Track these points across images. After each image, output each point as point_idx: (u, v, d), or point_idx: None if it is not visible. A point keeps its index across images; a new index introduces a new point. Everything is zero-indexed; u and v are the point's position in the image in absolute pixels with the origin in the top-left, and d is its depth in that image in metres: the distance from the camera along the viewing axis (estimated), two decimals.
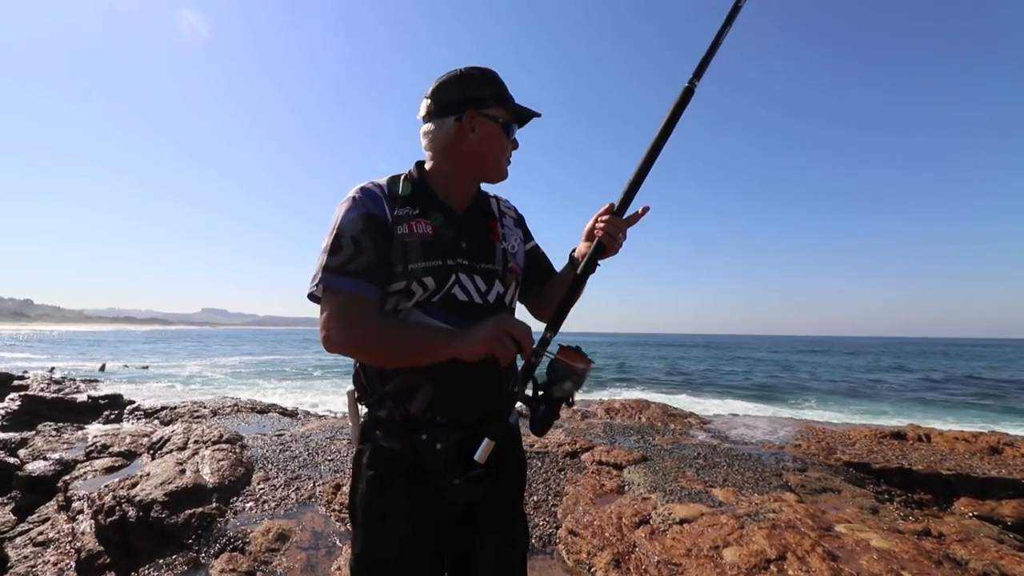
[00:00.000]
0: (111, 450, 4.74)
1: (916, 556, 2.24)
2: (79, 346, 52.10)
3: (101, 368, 25.12)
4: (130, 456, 4.63)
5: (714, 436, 5.16)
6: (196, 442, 4.22)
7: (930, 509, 3.61)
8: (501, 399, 1.12)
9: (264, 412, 6.70)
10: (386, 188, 1.19)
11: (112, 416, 7.76)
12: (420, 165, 1.27)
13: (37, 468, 4.51)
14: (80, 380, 13.34)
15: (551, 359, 1.08)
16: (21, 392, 8.57)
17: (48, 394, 8.67)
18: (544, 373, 1.08)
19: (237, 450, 4.06)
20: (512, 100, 1.23)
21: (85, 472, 4.25)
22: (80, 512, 3.54)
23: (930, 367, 39.07)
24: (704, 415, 6.75)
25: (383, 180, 1.21)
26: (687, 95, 1.13)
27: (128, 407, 8.15)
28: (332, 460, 4.01)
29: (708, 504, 3.02)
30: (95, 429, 6.37)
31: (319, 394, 16.22)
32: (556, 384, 1.06)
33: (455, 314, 1.16)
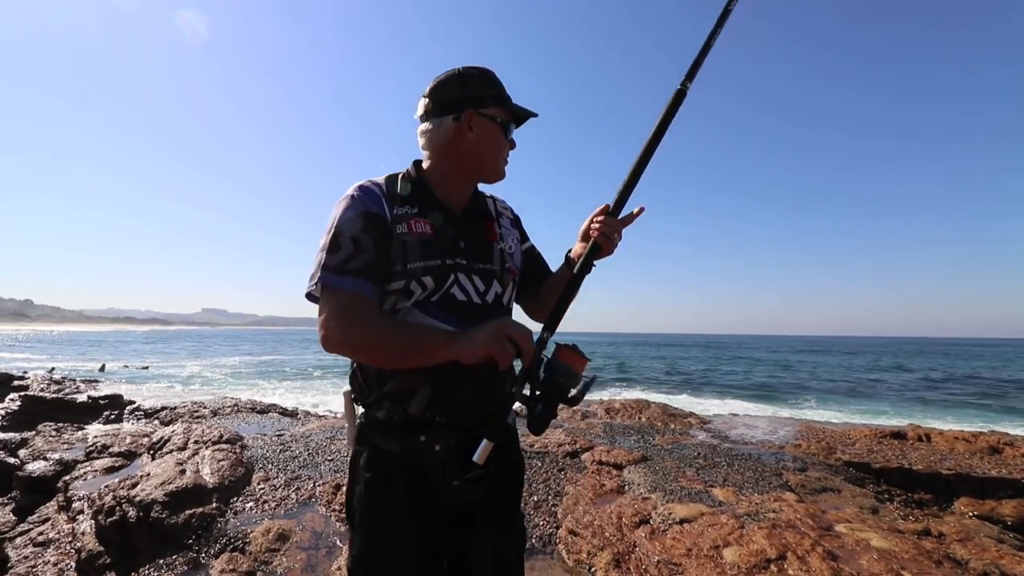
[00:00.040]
0: (111, 450, 4.75)
1: (916, 556, 2.24)
2: (79, 346, 52.11)
3: (101, 368, 25.12)
4: (130, 456, 4.63)
5: (714, 436, 5.16)
6: (196, 442, 4.22)
7: (930, 509, 3.61)
8: (500, 400, 1.11)
9: (264, 412, 6.69)
10: (384, 187, 1.18)
11: (112, 416, 7.76)
12: (418, 164, 1.26)
13: (37, 468, 4.51)
14: (80, 380, 13.32)
15: (548, 358, 1.08)
16: (21, 392, 8.56)
17: (48, 394, 8.66)
18: (541, 372, 1.07)
19: (237, 450, 4.06)
20: (510, 100, 1.23)
21: (85, 472, 4.25)
22: (80, 512, 3.54)
23: (930, 367, 39.08)
24: (704, 415, 6.74)
25: (381, 179, 1.20)
26: (679, 97, 1.14)
27: (128, 407, 8.14)
28: (332, 460, 4.01)
29: (708, 504, 3.02)
30: (95, 429, 6.37)
31: (319, 394, 16.23)
32: (553, 383, 1.06)
33: (454, 314, 1.15)
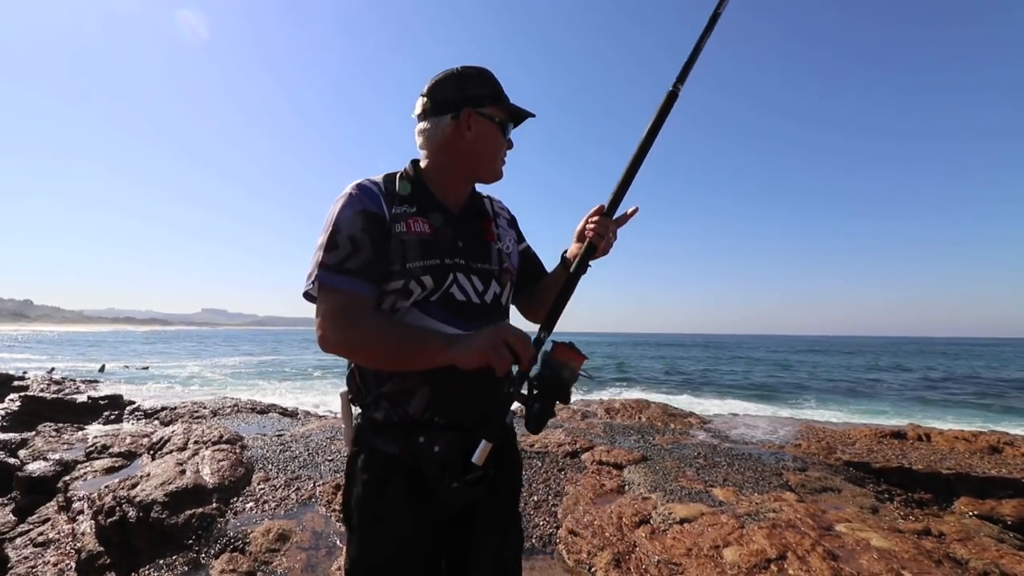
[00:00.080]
0: (111, 451, 4.74)
1: (916, 555, 2.24)
2: (79, 347, 52.09)
3: (101, 369, 25.12)
4: (130, 456, 4.63)
5: (714, 436, 5.16)
6: (196, 442, 4.22)
7: (930, 508, 3.61)
8: (498, 400, 1.11)
9: (264, 412, 6.69)
10: (383, 185, 1.17)
11: (112, 417, 7.75)
12: (416, 163, 1.25)
13: (37, 469, 4.51)
14: (80, 381, 13.32)
15: (545, 356, 1.08)
16: (21, 393, 8.56)
17: (48, 395, 8.65)
18: (539, 370, 1.07)
19: (237, 450, 4.06)
20: (508, 100, 1.23)
21: (85, 473, 4.25)
22: (80, 513, 3.54)
23: (929, 366, 39.10)
24: (704, 415, 6.74)
25: (379, 177, 1.19)
26: (671, 99, 1.16)
27: (128, 407, 8.13)
28: (332, 460, 4.01)
29: (708, 504, 3.02)
30: (95, 430, 6.36)
31: (319, 394, 16.23)
32: (551, 381, 1.05)
33: (453, 314, 1.15)
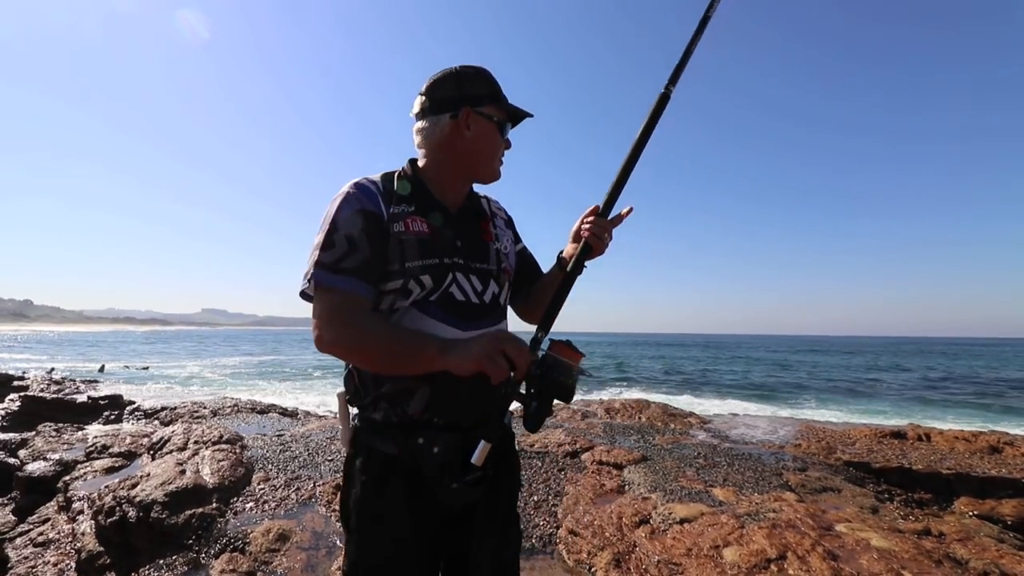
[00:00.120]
0: (111, 451, 4.74)
1: (916, 555, 2.24)
2: (78, 347, 52.08)
3: (100, 369, 25.12)
4: (130, 456, 4.63)
5: (714, 436, 5.16)
6: (196, 442, 4.22)
7: (930, 508, 3.61)
8: (496, 400, 1.10)
9: (264, 412, 6.69)
10: (381, 184, 1.16)
11: (112, 417, 7.75)
12: (414, 163, 1.25)
13: (37, 469, 4.51)
14: (80, 381, 13.32)
15: (543, 354, 1.07)
16: (21, 393, 8.56)
17: (48, 395, 8.66)
18: (536, 368, 1.06)
19: (237, 450, 4.06)
20: (506, 100, 1.22)
21: (85, 473, 4.25)
22: (80, 513, 3.54)
23: (928, 366, 39.12)
24: (704, 415, 6.74)
25: (377, 176, 1.19)
26: (663, 100, 1.17)
27: (128, 408, 8.13)
28: (332, 460, 4.01)
29: (708, 504, 3.02)
30: (95, 430, 6.36)
31: (319, 394, 16.25)
32: (548, 379, 1.05)
33: (453, 313, 1.15)
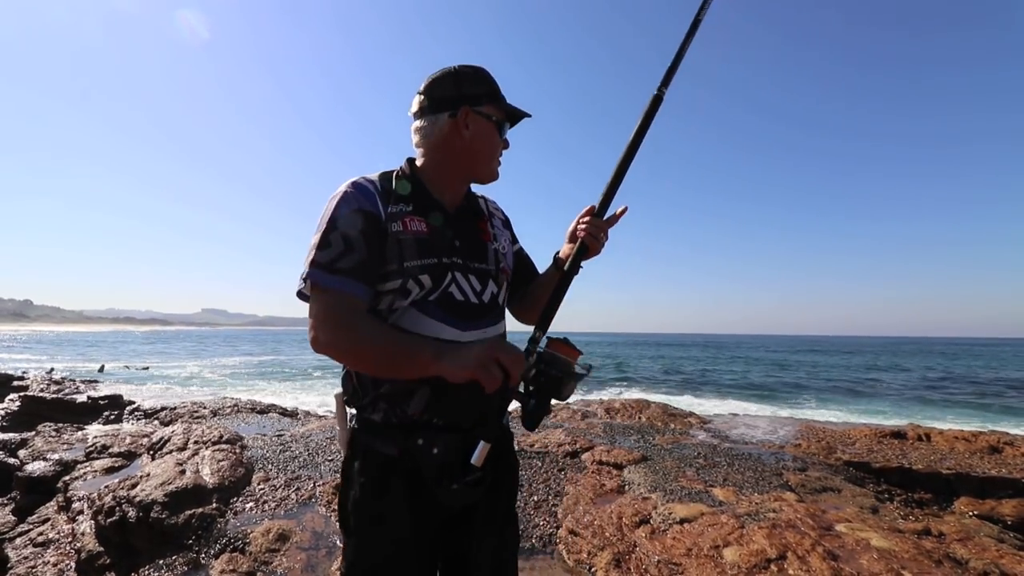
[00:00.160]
0: (111, 451, 4.74)
1: (916, 555, 2.24)
2: (78, 347, 52.08)
3: (100, 369, 25.13)
4: (130, 456, 4.63)
5: (714, 436, 5.16)
6: (196, 442, 4.21)
7: (930, 508, 3.61)
8: (495, 400, 1.10)
9: (264, 412, 6.69)
10: (379, 184, 1.16)
11: (112, 417, 7.75)
12: (411, 162, 1.24)
13: (37, 469, 4.51)
14: (80, 381, 13.31)
15: (540, 351, 1.07)
16: (21, 393, 8.55)
17: (48, 395, 8.65)
18: (534, 367, 1.06)
19: (237, 450, 4.06)
20: (504, 99, 1.22)
21: (85, 473, 4.25)
22: (80, 513, 3.54)
23: (928, 366, 39.13)
24: (704, 415, 6.74)
25: (375, 176, 1.18)
26: (656, 102, 1.18)
27: (128, 408, 8.13)
28: (332, 460, 4.01)
29: (708, 504, 3.02)
30: (95, 430, 6.36)
31: (319, 394, 16.24)
32: (545, 377, 1.04)
33: (452, 313, 1.14)
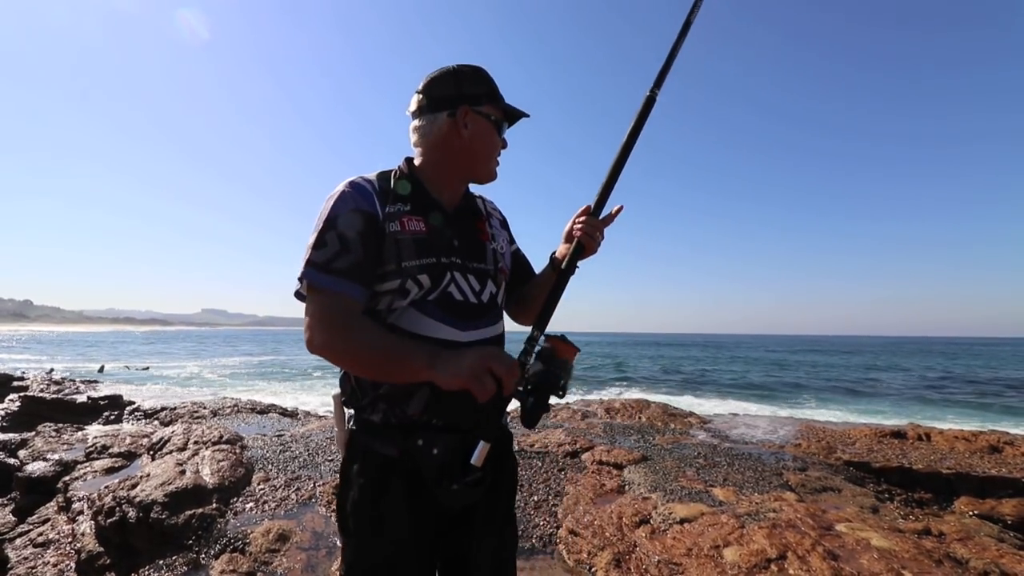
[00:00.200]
0: (111, 451, 4.74)
1: (916, 555, 2.24)
2: (78, 347, 52.08)
3: (100, 369, 25.13)
4: (130, 457, 4.63)
5: (714, 436, 5.16)
6: (196, 443, 4.21)
7: (930, 508, 3.61)
8: (494, 400, 1.09)
9: (264, 412, 6.69)
10: (376, 183, 1.15)
11: (112, 417, 7.74)
12: (410, 161, 1.24)
13: (37, 469, 4.51)
14: (80, 381, 13.31)
15: (539, 348, 1.07)
16: (21, 393, 8.56)
17: (48, 395, 8.65)
18: (531, 364, 1.06)
19: (237, 451, 4.06)
20: (503, 99, 1.22)
21: (85, 473, 4.24)
22: (80, 513, 3.54)
23: (928, 366, 39.15)
24: (704, 415, 6.74)
25: (372, 175, 1.17)
26: (649, 103, 1.18)
27: (128, 408, 8.13)
28: (332, 460, 4.01)
29: (708, 504, 3.02)
30: (95, 430, 6.36)
31: (319, 394, 16.24)
32: (543, 374, 1.04)
33: (451, 313, 1.14)
